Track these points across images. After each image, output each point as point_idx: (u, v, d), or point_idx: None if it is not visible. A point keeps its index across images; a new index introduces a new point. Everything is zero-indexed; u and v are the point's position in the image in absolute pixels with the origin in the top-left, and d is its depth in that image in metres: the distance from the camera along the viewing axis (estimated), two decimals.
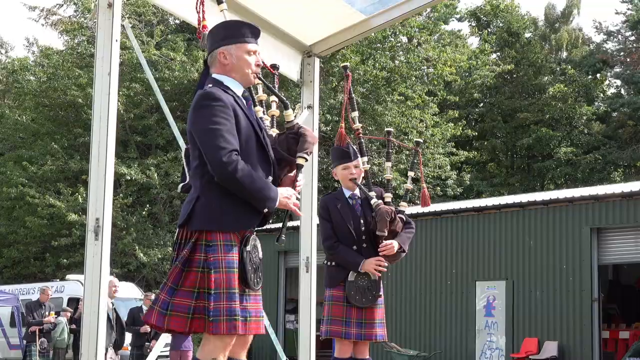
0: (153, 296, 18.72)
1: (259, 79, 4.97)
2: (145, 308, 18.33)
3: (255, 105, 5.24)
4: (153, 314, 4.51)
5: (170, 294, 4.46)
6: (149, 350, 17.31)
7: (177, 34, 35.02)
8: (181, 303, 4.44)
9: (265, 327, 4.81)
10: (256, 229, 4.71)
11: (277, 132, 5.18)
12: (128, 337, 19.02)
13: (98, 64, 6.32)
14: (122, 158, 30.63)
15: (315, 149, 7.80)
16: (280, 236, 4.90)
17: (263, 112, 5.63)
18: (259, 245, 4.70)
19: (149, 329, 17.90)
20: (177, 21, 36.64)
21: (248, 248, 4.55)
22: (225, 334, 4.43)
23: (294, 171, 4.86)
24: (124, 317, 19.09)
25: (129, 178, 30.06)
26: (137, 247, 29.84)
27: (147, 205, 31.83)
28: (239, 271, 4.50)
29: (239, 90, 4.73)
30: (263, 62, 4.92)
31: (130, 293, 23.64)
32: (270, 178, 4.67)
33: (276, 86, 5.48)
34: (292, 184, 4.81)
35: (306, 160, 4.84)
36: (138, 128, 32.73)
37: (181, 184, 5.21)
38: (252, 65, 4.75)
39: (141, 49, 25.89)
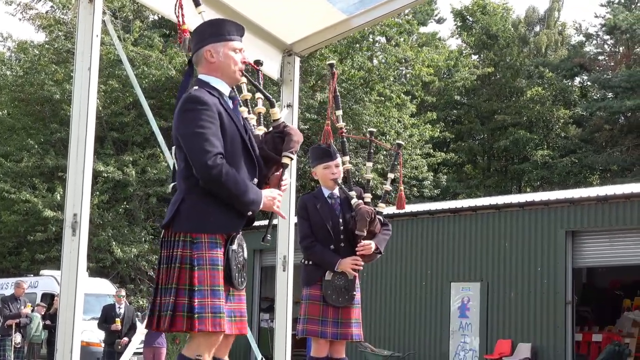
0: (123, 292, 18.75)
1: (245, 76, 4.97)
2: (117, 305, 18.27)
3: (240, 106, 5.23)
4: (163, 320, 4.49)
5: (169, 295, 4.47)
6: (119, 347, 17.28)
7: (154, 29, 34.88)
8: (179, 303, 4.45)
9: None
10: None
11: (265, 130, 5.17)
12: (100, 334, 18.98)
13: (78, 59, 6.30)
14: (99, 154, 30.49)
15: None
16: (266, 236, 4.91)
17: (248, 111, 5.62)
18: (244, 245, 4.72)
19: (119, 327, 17.86)
20: (155, 17, 36.49)
21: (234, 247, 4.57)
22: (210, 331, 4.43)
23: (280, 170, 4.86)
24: (97, 313, 19.08)
25: (106, 175, 29.94)
26: (113, 244, 29.74)
27: (125, 204, 31.70)
28: (225, 270, 4.52)
29: (225, 89, 4.74)
30: (247, 60, 4.92)
31: (104, 289, 23.55)
32: (256, 180, 4.68)
33: (261, 82, 5.46)
34: (278, 183, 4.83)
35: (291, 159, 4.84)
36: (115, 124, 32.60)
37: (171, 184, 5.21)
38: (239, 63, 4.75)
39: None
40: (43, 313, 21.17)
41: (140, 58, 31.74)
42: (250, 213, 4.61)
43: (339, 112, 7.08)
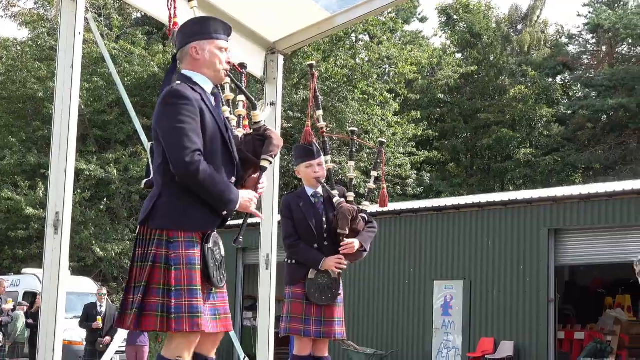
0: (105, 290, 18.66)
1: (229, 77, 4.95)
2: (99, 304, 18.20)
3: (222, 105, 5.21)
4: (128, 318, 4.46)
5: (143, 293, 4.43)
6: (101, 346, 17.22)
7: (136, 27, 34.81)
8: (150, 302, 4.41)
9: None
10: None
11: (244, 132, 5.16)
12: (82, 332, 18.92)
13: (60, 57, 6.28)
14: (81, 152, 30.40)
15: None
16: (238, 238, 4.87)
17: (230, 112, 5.61)
18: (220, 242, 4.68)
19: (101, 325, 17.79)
20: (138, 15, 36.41)
21: (209, 245, 4.54)
22: (188, 331, 4.40)
23: (258, 173, 4.84)
24: (80, 311, 19.00)
25: (88, 174, 29.86)
26: (94, 242, 29.66)
27: (106, 200, 31.62)
28: (202, 268, 4.49)
29: (208, 87, 4.72)
30: (231, 61, 4.90)
31: (87, 288, 23.48)
32: (234, 179, 4.65)
33: (244, 85, 5.45)
34: (255, 185, 4.80)
35: (270, 162, 4.82)
36: (98, 122, 32.52)
37: (145, 180, 5.17)
38: (224, 62, 4.74)
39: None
40: (25, 311, 21.09)
41: (123, 55, 31.66)
42: (225, 212, 4.58)
43: (320, 112, 7.08)
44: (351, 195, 6.92)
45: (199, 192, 4.44)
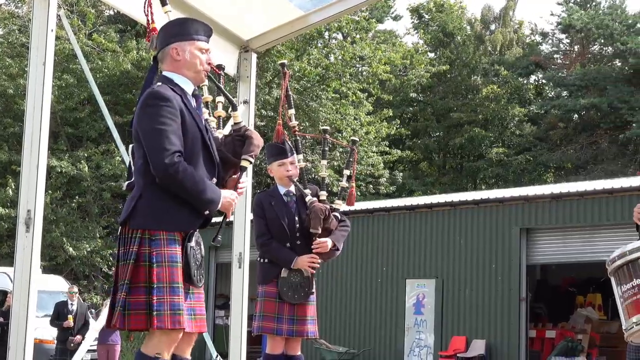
0: (76, 288, 18.52)
1: (210, 78, 4.96)
2: (70, 302, 18.09)
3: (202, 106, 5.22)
4: (116, 317, 4.46)
5: (127, 292, 4.43)
6: (72, 345, 17.12)
7: (109, 24, 34.64)
8: (137, 300, 4.42)
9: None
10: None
11: (224, 134, 5.17)
12: (53, 331, 18.80)
13: (33, 54, 6.25)
14: (52, 150, 30.20)
15: None
16: (217, 237, 4.89)
17: (209, 113, 5.61)
18: (201, 242, 4.70)
19: (72, 324, 17.68)
20: (110, 12, 36.24)
21: (192, 244, 4.55)
22: (170, 329, 4.40)
23: (238, 173, 4.85)
24: (51, 310, 18.89)
25: (59, 170, 29.67)
26: (65, 240, 29.46)
27: (77, 198, 31.42)
28: (184, 267, 4.50)
29: (189, 88, 4.73)
30: (212, 62, 4.91)
31: (58, 286, 23.34)
32: (214, 180, 4.67)
33: (222, 86, 5.46)
34: (235, 185, 4.81)
35: (251, 162, 4.84)
36: (69, 120, 32.33)
37: (126, 182, 5.17)
38: (204, 63, 4.76)
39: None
40: None
41: (96, 52, 31.51)
42: (207, 212, 4.59)
43: (292, 111, 7.08)
44: (324, 194, 6.93)
45: (179, 193, 4.46)
